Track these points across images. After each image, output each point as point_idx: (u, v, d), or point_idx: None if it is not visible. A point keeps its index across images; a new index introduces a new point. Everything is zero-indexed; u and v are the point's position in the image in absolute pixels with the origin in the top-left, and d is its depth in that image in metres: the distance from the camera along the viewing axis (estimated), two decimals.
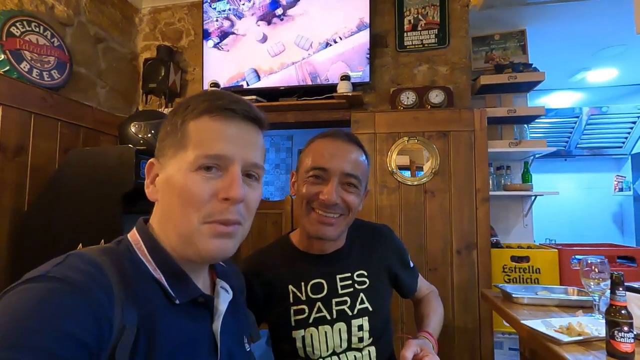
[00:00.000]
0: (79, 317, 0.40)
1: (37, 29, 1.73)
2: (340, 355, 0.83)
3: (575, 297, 1.24)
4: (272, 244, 0.96)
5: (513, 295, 1.25)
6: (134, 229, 0.56)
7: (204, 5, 2.29)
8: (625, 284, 0.87)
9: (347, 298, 0.86)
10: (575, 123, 3.53)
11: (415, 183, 1.93)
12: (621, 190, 3.60)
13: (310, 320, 0.83)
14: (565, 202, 3.74)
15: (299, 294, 0.85)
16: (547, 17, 2.21)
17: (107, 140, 2.09)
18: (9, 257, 1.55)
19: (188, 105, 0.54)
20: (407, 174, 1.96)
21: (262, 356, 1.00)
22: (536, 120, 3.44)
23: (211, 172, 0.50)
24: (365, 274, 0.89)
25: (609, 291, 0.85)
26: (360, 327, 0.85)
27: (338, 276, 0.87)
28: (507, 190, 2.13)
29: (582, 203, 3.82)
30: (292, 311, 0.84)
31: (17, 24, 1.64)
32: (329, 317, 0.84)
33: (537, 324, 0.96)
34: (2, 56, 1.56)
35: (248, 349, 0.62)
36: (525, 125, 2.26)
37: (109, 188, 1.46)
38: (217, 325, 0.55)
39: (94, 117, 2.02)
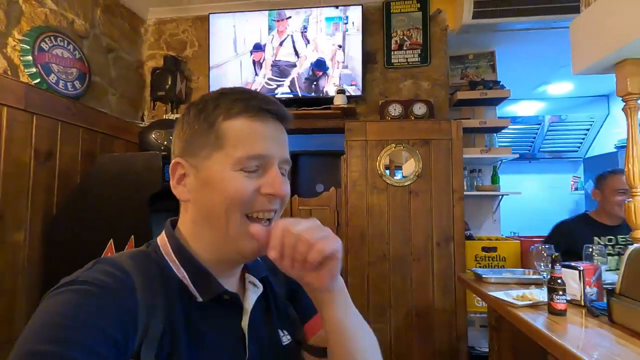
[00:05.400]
0: (107, 316, 0.44)
1: (62, 43, 1.88)
2: None
3: (530, 276, 1.56)
4: None
5: (483, 276, 1.55)
6: (163, 232, 0.58)
7: (210, 19, 2.48)
8: (563, 262, 1.18)
9: None
10: (538, 129, 3.96)
11: (402, 184, 2.22)
12: (577, 189, 4.07)
13: None
14: (530, 200, 4.17)
15: None
16: (513, 40, 2.56)
17: (120, 144, 2.25)
18: (43, 251, 1.70)
19: (218, 105, 0.53)
20: (396, 175, 2.25)
21: None
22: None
23: (252, 171, 0.52)
24: None
25: None
26: None
27: None
28: (478, 190, 2.47)
29: (544, 201, 4.25)
30: None
31: (46, 40, 1.79)
32: None
33: (500, 294, 1.26)
34: (34, 69, 1.72)
35: (286, 343, 0.60)
36: (495, 134, 2.60)
37: (137, 189, 1.64)
38: (245, 322, 0.55)
39: (108, 123, 2.18)
